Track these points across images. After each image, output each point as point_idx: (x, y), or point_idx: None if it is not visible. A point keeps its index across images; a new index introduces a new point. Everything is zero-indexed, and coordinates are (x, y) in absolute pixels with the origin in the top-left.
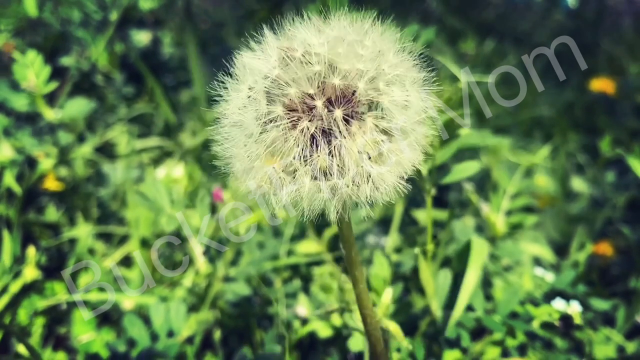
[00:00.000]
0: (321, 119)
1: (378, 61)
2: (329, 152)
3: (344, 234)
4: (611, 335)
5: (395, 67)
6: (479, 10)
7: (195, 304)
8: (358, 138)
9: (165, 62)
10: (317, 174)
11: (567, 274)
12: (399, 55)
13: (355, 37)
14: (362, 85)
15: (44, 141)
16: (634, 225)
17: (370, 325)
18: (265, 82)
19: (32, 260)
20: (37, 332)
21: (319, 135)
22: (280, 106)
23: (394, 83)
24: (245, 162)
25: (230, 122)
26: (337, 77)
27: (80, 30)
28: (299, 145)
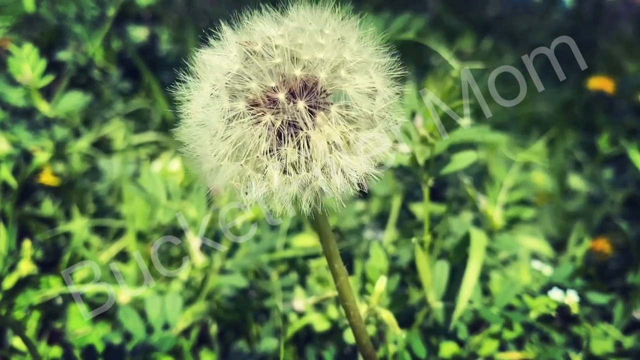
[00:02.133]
0: (285, 112)
1: (339, 49)
2: (295, 145)
3: (319, 226)
4: (609, 330)
5: (358, 54)
6: (477, 10)
7: (192, 297)
8: (324, 129)
9: (163, 58)
10: (287, 167)
11: (565, 267)
12: (361, 42)
13: (315, 27)
14: (324, 74)
15: (39, 135)
16: (632, 221)
17: (354, 317)
18: (227, 78)
19: (28, 254)
20: (32, 326)
21: (285, 129)
22: (243, 102)
23: (356, 71)
24: (212, 161)
25: (194, 122)
26: (298, 68)
27: (77, 26)
28: (265, 141)
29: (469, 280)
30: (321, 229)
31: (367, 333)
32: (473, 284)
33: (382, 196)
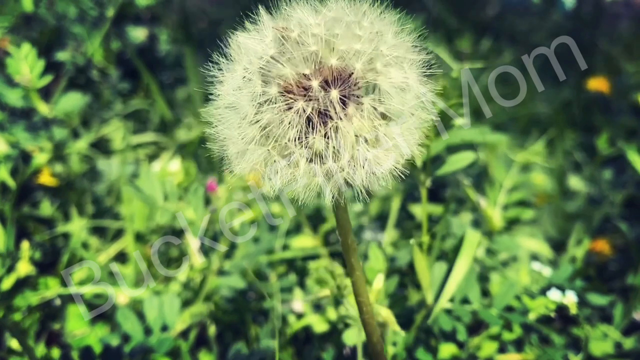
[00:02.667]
0: (317, 100)
1: (376, 42)
2: (324, 135)
3: (339, 219)
4: (608, 331)
5: (394, 49)
6: (476, 10)
7: (190, 298)
8: (355, 120)
9: (162, 59)
10: (313, 157)
11: (565, 268)
12: (398, 37)
13: (353, 18)
14: (360, 66)
15: (38, 136)
16: (632, 222)
17: (367, 313)
18: (260, 62)
19: (26, 255)
20: (30, 327)
21: (315, 117)
22: (275, 87)
23: (392, 65)
24: (239, 144)
25: (224, 104)
26: (334, 57)
27: (76, 26)
28: (294, 127)
29: (456, 275)
30: (341, 221)
31: (378, 330)
32: (460, 279)
33: (382, 197)
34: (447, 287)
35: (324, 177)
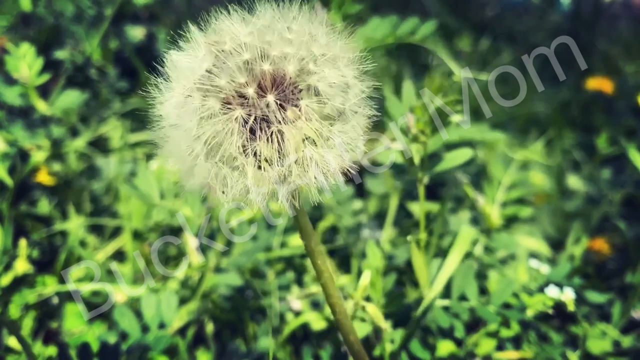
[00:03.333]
0: (255, 107)
1: (308, 44)
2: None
3: (299, 223)
4: (607, 330)
5: (327, 48)
6: (475, 10)
7: (188, 296)
8: (297, 123)
9: (161, 58)
10: (262, 163)
11: (563, 266)
12: (330, 37)
13: (284, 24)
14: (292, 68)
15: (36, 134)
16: (630, 221)
17: (340, 314)
18: (197, 78)
19: (24, 253)
20: (27, 325)
21: (257, 124)
22: (214, 100)
23: (325, 65)
24: (187, 161)
25: (167, 124)
26: (266, 63)
27: (75, 25)
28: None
29: (446, 269)
30: (301, 225)
31: (354, 330)
32: (450, 273)
33: (380, 195)
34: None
35: (275, 183)
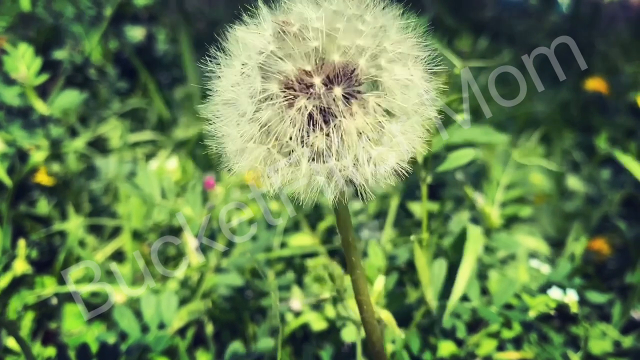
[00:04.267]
0: (319, 98)
1: (379, 38)
2: (327, 133)
3: (340, 218)
4: (607, 330)
5: (398, 45)
6: (474, 11)
7: (188, 296)
8: (358, 118)
9: (160, 59)
10: (315, 155)
11: (564, 266)
12: (402, 32)
13: (355, 12)
14: (363, 62)
15: (35, 134)
16: (630, 221)
17: (367, 312)
18: (260, 57)
19: (23, 253)
20: (26, 326)
21: (317, 115)
22: (275, 83)
23: (396, 61)
24: (238, 142)
25: (222, 100)
26: (336, 53)
27: (74, 25)
28: (295, 125)
29: (463, 274)
30: (342, 220)
31: (379, 329)
32: (467, 277)
33: (380, 195)
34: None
35: (326, 177)
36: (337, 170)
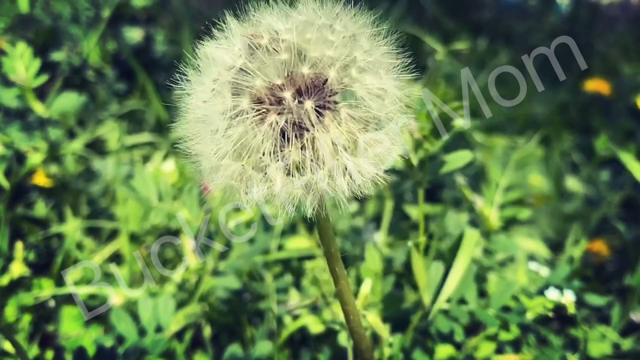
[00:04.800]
0: (291, 112)
1: (350, 47)
2: (301, 146)
3: (322, 229)
4: (606, 332)
5: (369, 54)
6: (473, 12)
7: (185, 299)
8: (332, 129)
9: (158, 60)
10: (290, 169)
11: (562, 269)
12: (373, 40)
13: (325, 21)
14: (334, 73)
15: (33, 136)
16: (629, 223)
17: (354, 322)
18: (230, 73)
19: (20, 256)
20: (23, 329)
21: (290, 129)
22: (246, 99)
23: (367, 71)
24: (212, 159)
25: (194, 118)
26: (306, 65)
27: (72, 26)
28: (268, 141)
29: (455, 274)
30: (323, 231)
31: (367, 338)
32: (459, 277)
33: (377, 198)
34: (446, 286)
35: (303, 190)
36: (313, 183)
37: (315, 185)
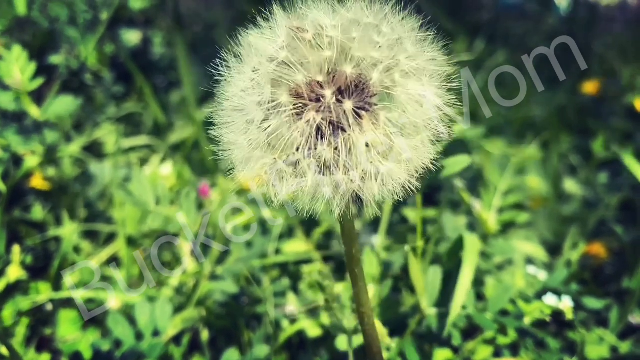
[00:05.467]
0: (329, 111)
1: (395, 50)
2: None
3: (345, 230)
4: (604, 335)
5: (414, 59)
6: (471, 14)
7: (183, 303)
8: (368, 132)
9: (156, 63)
10: (322, 167)
11: (560, 272)
12: (418, 45)
13: (372, 21)
14: (377, 76)
15: (30, 139)
16: (627, 226)
17: (368, 325)
18: (271, 65)
19: (17, 259)
20: (20, 332)
21: (326, 127)
22: (285, 92)
23: (410, 76)
24: (244, 150)
25: (231, 106)
26: (349, 65)
27: (70, 29)
28: (303, 137)
29: (462, 285)
30: (346, 233)
31: (379, 341)
32: (467, 288)
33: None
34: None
35: (332, 189)
36: (344, 184)
37: (345, 185)
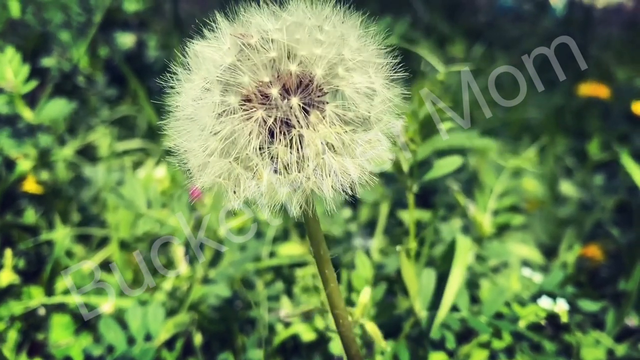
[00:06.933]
0: (277, 109)
1: (338, 47)
2: (287, 144)
3: (310, 230)
4: (600, 338)
5: (357, 53)
6: (468, 17)
7: (175, 307)
8: (319, 128)
9: (150, 65)
10: (278, 167)
11: (556, 275)
12: (362, 40)
13: (315, 22)
14: (320, 71)
15: (23, 143)
16: (623, 228)
17: (343, 326)
18: (219, 71)
19: (9, 263)
20: (12, 337)
21: (277, 127)
22: (234, 96)
23: (355, 69)
24: (200, 157)
25: (183, 115)
26: (294, 63)
27: (63, 32)
28: (255, 138)
29: (452, 285)
30: (312, 232)
31: (356, 342)
32: (456, 289)
33: (371, 203)
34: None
35: (289, 188)
36: (300, 182)
37: (301, 183)
